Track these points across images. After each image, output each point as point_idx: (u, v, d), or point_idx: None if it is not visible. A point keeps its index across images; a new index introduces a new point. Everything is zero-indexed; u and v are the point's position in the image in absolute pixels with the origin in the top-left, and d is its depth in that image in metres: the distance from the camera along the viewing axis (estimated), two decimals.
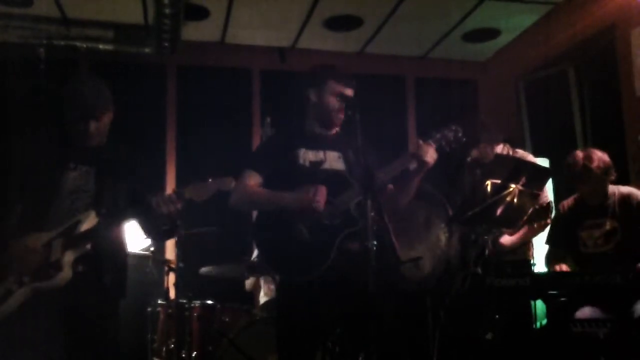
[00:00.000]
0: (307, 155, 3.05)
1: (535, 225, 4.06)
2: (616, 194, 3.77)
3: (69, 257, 2.73)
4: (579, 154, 3.77)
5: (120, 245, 2.90)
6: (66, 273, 2.71)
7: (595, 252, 3.73)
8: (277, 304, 3.19)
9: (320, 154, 3.07)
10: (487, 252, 3.75)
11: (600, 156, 3.72)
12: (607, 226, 3.71)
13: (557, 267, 3.76)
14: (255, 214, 3.31)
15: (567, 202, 3.97)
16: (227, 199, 3.00)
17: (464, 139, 3.03)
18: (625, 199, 3.74)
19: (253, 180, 3.03)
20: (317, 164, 3.04)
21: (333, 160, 3.08)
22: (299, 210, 2.88)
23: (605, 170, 3.71)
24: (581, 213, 3.84)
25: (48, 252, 2.74)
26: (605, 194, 3.78)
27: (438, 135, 3.00)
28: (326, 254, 2.83)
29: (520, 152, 4.30)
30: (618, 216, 3.72)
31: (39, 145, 2.95)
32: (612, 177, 3.76)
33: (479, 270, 3.73)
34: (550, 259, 3.98)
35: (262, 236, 3.01)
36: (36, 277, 2.72)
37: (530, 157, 4.29)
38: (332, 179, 2.98)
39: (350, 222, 2.88)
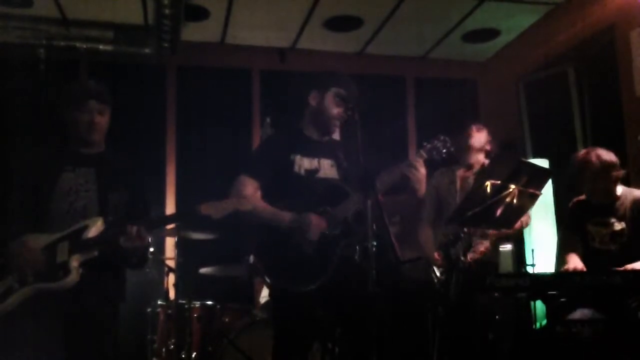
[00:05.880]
0: (303, 163, 3.03)
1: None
2: (629, 197, 3.73)
3: (76, 260, 2.74)
4: (583, 150, 3.77)
5: (120, 251, 2.91)
6: (74, 276, 2.72)
7: (601, 248, 3.72)
8: (272, 310, 3.17)
9: (315, 162, 3.05)
10: (467, 258, 3.76)
11: (601, 152, 3.69)
12: (616, 227, 3.69)
13: (571, 267, 3.68)
14: None
15: (579, 198, 3.95)
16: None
17: (452, 149, 3.05)
18: (638, 203, 3.70)
19: (251, 187, 2.99)
20: (312, 173, 3.03)
21: (327, 168, 3.06)
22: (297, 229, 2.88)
23: (605, 166, 3.66)
24: (589, 209, 3.82)
25: (53, 253, 2.75)
26: (611, 192, 3.74)
27: (429, 146, 3.01)
28: (326, 265, 2.82)
29: None
30: (628, 219, 3.69)
31: (38, 145, 2.95)
32: (616, 175, 3.70)
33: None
34: (562, 246, 3.95)
35: (261, 245, 2.98)
36: (41, 277, 2.73)
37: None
38: (329, 189, 2.98)
39: (348, 231, 2.87)
